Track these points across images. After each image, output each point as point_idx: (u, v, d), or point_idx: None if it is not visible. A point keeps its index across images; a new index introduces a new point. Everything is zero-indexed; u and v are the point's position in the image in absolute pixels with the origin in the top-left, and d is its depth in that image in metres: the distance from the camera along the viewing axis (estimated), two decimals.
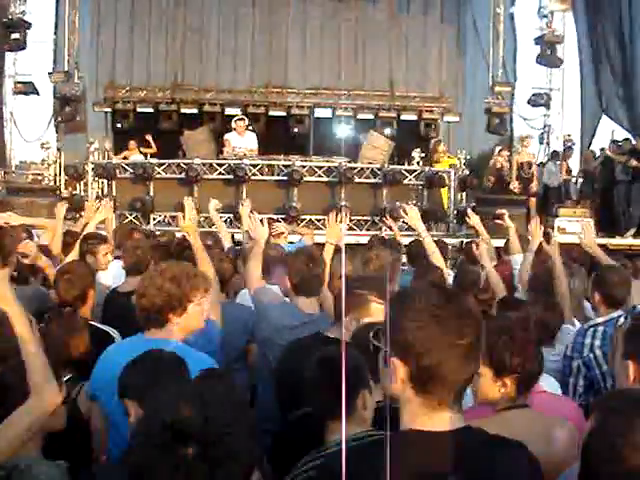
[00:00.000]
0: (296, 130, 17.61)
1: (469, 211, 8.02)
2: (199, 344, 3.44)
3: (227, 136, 14.47)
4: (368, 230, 13.11)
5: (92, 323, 4.40)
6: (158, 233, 8.94)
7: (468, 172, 15.19)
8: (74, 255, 5.64)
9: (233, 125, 14.55)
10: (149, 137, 16.18)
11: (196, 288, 3.35)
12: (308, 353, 3.34)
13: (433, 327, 1.75)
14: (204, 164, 13.53)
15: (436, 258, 5.93)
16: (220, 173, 13.53)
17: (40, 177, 16.92)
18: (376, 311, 3.51)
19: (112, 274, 5.90)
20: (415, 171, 14.16)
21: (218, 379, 2.78)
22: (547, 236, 5.94)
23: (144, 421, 1.48)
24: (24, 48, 17.94)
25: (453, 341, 1.74)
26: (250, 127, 15.47)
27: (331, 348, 2.95)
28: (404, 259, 7.10)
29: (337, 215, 5.40)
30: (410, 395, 1.79)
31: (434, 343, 1.74)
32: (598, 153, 16.64)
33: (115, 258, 6.18)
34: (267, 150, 14.80)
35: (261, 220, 5.15)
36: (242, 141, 14.27)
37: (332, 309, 4.18)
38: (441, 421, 1.78)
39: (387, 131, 17.26)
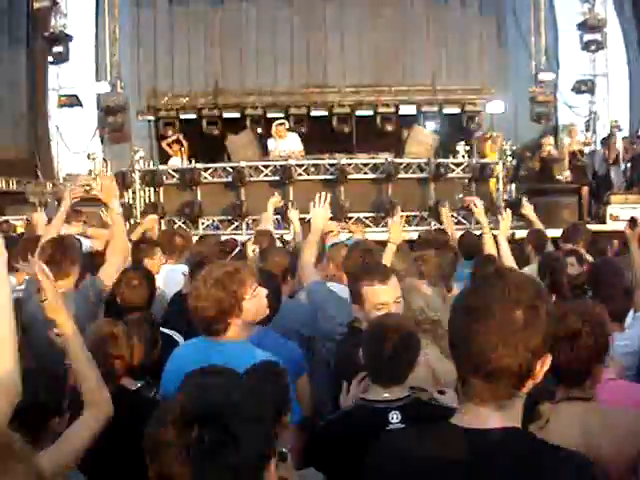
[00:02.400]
0: (339, 129, 17.54)
1: (524, 201, 7.89)
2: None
3: (269, 143, 14.45)
4: (417, 226, 13.01)
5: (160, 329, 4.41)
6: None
7: (515, 162, 14.97)
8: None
9: (273, 130, 14.52)
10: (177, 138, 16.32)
11: (243, 284, 3.26)
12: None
13: (461, 311, 1.71)
14: (250, 167, 13.56)
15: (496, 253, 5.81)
16: (266, 175, 13.54)
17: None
18: (373, 293, 3.58)
19: (162, 278, 5.93)
20: (462, 164, 14.01)
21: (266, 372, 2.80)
22: (633, 222, 5.76)
23: (164, 407, 1.54)
24: (66, 61, 18.21)
25: (483, 325, 1.65)
26: (295, 130, 15.48)
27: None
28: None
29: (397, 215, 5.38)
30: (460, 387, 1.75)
31: (462, 327, 1.69)
32: None
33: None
34: (311, 150, 14.77)
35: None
36: (284, 144, 14.24)
37: None
38: (475, 418, 1.69)
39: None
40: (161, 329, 4.41)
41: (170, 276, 5.96)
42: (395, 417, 2.86)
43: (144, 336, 3.59)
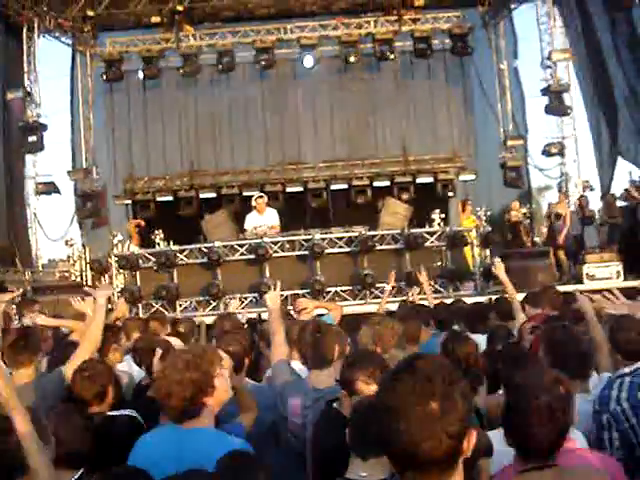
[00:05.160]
0: (314, 204, 17.76)
1: (496, 260, 7.93)
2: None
3: (247, 217, 14.53)
4: (395, 297, 13.01)
5: (110, 414, 4.32)
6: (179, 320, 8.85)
7: (490, 228, 15.08)
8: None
9: (253, 203, 14.61)
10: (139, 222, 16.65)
11: (212, 363, 3.29)
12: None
13: (381, 410, 1.74)
14: (225, 246, 13.60)
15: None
16: (242, 254, 13.57)
17: (67, 274, 17.13)
18: (367, 392, 3.55)
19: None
20: (436, 232, 14.11)
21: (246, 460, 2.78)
22: (572, 297, 5.84)
23: None
24: (42, 149, 18.42)
25: (403, 424, 1.68)
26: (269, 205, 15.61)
27: None
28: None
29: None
30: None
31: (384, 427, 1.72)
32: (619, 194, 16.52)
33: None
34: (287, 226, 14.85)
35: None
36: (262, 219, 14.31)
37: None
38: None
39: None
40: (114, 414, 4.34)
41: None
42: None
43: (74, 425, 3.54)
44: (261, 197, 14.72)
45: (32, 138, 17.89)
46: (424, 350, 5.72)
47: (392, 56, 18.74)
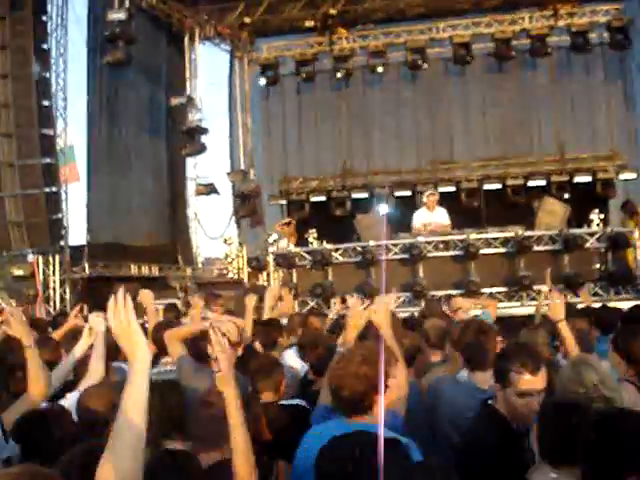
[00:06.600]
0: (468, 203, 17.57)
1: None
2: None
3: (416, 214, 14.46)
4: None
5: (281, 403, 4.55)
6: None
7: None
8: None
9: (424, 199, 14.52)
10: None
11: (389, 363, 3.33)
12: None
13: None
14: (379, 245, 13.69)
15: None
16: (395, 253, 13.63)
17: (225, 271, 17.86)
18: (521, 381, 3.47)
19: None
20: (596, 233, 13.60)
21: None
22: None
23: None
24: (203, 152, 19.24)
25: None
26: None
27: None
28: None
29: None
30: None
31: None
32: None
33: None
34: None
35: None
36: (432, 216, 14.19)
37: None
38: None
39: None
40: (284, 403, 4.56)
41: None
42: None
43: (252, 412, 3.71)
44: (433, 194, 14.54)
45: (193, 141, 18.71)
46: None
47: (548, 52, 18.29)
